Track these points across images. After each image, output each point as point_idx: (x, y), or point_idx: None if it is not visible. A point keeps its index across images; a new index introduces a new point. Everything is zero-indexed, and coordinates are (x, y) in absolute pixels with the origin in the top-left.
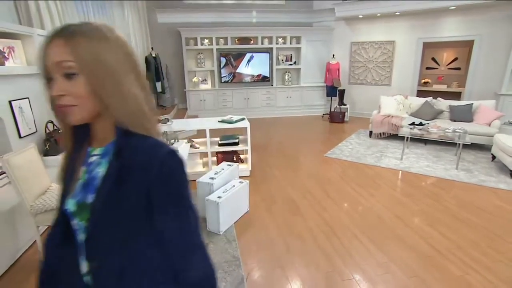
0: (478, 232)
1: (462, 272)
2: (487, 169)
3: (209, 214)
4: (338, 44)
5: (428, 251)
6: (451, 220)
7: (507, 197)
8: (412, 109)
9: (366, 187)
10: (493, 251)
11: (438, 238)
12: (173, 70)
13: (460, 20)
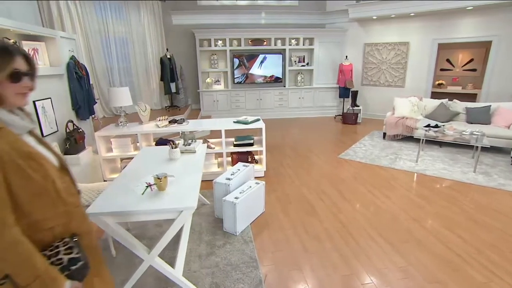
0: (499, 237)
1: (486, 279)
2: (506, 173)
3: (225, 215)
4: (351, 45)
5: (448, 255)
6: (470, 223)
7: None
8: (426, 111)
9: (382, 189)
10: None
11: (458, 242)
12: (187, 71)
13: (477, 20)
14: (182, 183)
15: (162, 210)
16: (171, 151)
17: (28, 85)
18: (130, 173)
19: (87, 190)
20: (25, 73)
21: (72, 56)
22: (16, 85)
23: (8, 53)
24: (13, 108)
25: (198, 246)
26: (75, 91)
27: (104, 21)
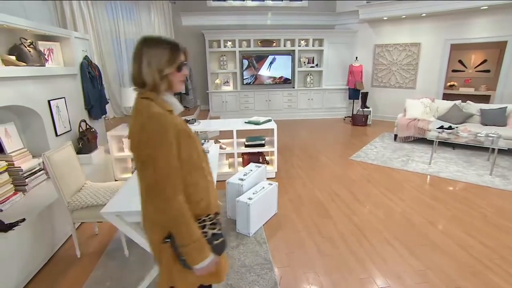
0: None
1: (510, 286)
2: None
3: (238, 216)
4: (361, 47)
5: (468, 260)
6: (488, 227)
7: None
8: (439, 113)
9: (395, 191)
10: None
11: (477, 246)
12: (196, 72)
13: (491, 20)
14: None
15: None
16: None
17: (186, 73)
18: None
19: (101, 189)
20: (185, 63)
21: (86, 56)
22: (179, 74)
23: (178, 49)
24: (176, 92)
25: None
26: (88, 91)
27: (115, 22)
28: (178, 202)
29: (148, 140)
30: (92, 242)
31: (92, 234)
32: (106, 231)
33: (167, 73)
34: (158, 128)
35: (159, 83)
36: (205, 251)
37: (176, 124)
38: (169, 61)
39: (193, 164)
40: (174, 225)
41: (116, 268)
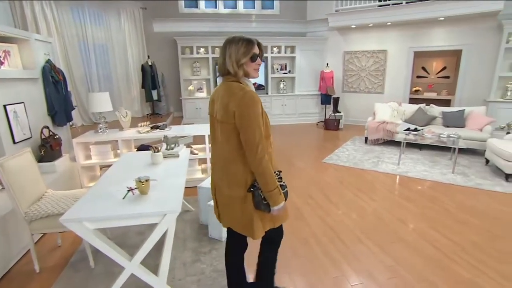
0: (481, 234)
1: (471, 275)
2: (482, 173)
3: (210, 220)
4: (331, 53)
5: (434, 254)
6: (453, 222)
7: (504, 199)
8: (406, 116)
9: (367, 192)
10: (498, 253)
11: (443, 241)
12: (168, 79)
13: (448, 30)
14: (165, 187)
15: (144, 214)
16: (153, 156)
17: (259, 62)
18: (111, 178)
19: (63, 197)
20: (258, 54)
21: (48, 59)
22: (253, 63)
23: (251, 43)
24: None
25: (183, 253)
26: (51, 96)
27: (82, 26)
28: (265, 159)
29: (247, 110)
30: (54, 255)
31: (54, 246)
32: (70, 242)
33: (242, 62)
34: (252, 102)
35: (237, 71)
36: (282, 196)
37: (260, 99)
38: (244, 53)
39: (267, 132)
40: (264, 175)
41: (80, 280)
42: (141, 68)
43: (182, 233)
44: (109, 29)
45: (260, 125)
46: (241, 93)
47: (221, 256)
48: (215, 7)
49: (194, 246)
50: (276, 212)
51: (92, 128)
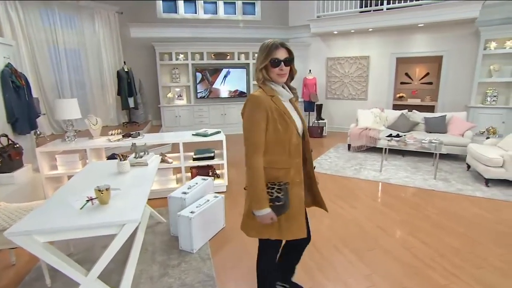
0: (459, 240)
1: (447, 281)
2: (463, 178)
3: (181, 232)
4: (314, 60)
5: (412, 261)
6: (432, 228)
7: (484, 204)
8: (388, 122)
9: (347, 199)
10: (475, 258)
11: (421, 247)
12: (147, 86)
13: (429, 36)
14: (128, 196)
15: (101, 224)
16: (120, 164)
17: (282, 68)
18: (72, 188)
19: (18, 210)
20: (281, 60)
21: (8, 63)
22: (275, 69)
23: (272, 47)
24: (279, 84)
25: (150, 267)
26: (11, 102)
27: (52, 30)
28: (254, 160)
29: (246, 112)
30: (7, 274)
31: (7, 264)
32: (26, 260)
33: (261, 67)
34: (251, 105)
35: (257, 75)
36: (262, 203)
37: (269, 103)
38: (263, 60)
39: (279, 139)
40: (248, 171)
41: None
42: (117, 74)
43: (152, 246)
44: (82, 33)
45: (257, 128)
46: (248, 96)
47: (191, 269)
48: (194, 12)
49: (163, 259)
50: (258, 219)
51: (62, 137)
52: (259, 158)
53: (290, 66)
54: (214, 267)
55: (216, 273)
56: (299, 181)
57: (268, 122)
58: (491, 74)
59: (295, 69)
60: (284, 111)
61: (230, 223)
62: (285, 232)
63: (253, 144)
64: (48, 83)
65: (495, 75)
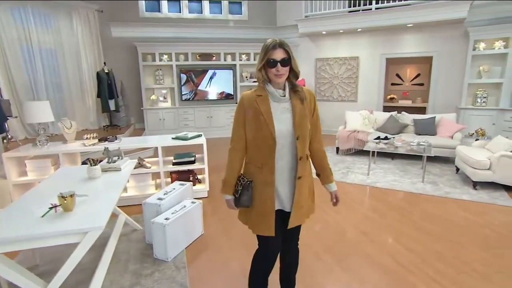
0: (443, 244)
1: (427, 287)
2: (452, 181)
3: (155, 239)
4: (303, 61)
5: (393, 267)
6: (417, 233)
7: (470, 207)
8: (378, 124)
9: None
10: (458, 262)
11: (404, 253)
12: (129, 87)
13: (418, 37)
14: (96, 202)
15: (61, 232)
16: (90, 169)
17: (278, 69)
18: (37, 195)
19: None
20: (277, 61)
21: None
22: (272, 69)
23: (269, 48)
24: (276, 85)
25: (122, 276)
26: None
27: (25, 29)
28: (230, 152)
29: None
30: None
31: None
32: None
33: (259, 67)
34: (239, 103)
35: (257, 75)
36: (226, 188)
37: (250, 102)
38: (261, 60)
39: (255, 137)
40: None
41: None
42: (97, 75)
43: (125, 254)
44: (59, 33)
45: (235, 124)
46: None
47: (164, 279)
48: (179, 12)
49: (136, 268)
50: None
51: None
52: (235, 151)
53: (289, 66)
54: (188, 277)
55: (191, 283)
56: (271, 182)
57: (245, 120)
58: (480, 75)
59: (297, 69)
60: (263, 112)
61: (209, 230)
62: (254, 226)
63: (232, 138)
64: (21, 84)
65: (485, 76)
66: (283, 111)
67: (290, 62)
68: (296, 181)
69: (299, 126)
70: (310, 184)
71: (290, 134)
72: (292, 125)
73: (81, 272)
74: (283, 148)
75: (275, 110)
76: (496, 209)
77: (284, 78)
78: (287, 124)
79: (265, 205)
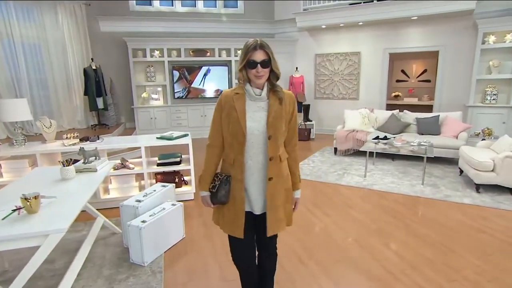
0: (436, 249)
1: None
2: (454, 184)
3: (131, 243)
4: (302, 56)
5: (380, 274)
6: (409, 238)
7: (470, 211)
8: (378, 123)
9: (322, 207)
10: (449, 269)
11: (393, 258)
12: (118, 85)
13: (424, 30)
14: (63, 204)
15: (21, 235)
16: (63, 170)
17: (259, 70)
18: (3, 196)
19: None
20: (257, 62)
21: None
22: (252, 70)
23: (246, 49)
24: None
25: (95, 281)
26: None
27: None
28: (207, 148)
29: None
30: None
31: None
32: None
33: (239, 68)
34: (218, 100)
35: (239, 76)
36: (202, 185)
37: (226, 100)
38: (241, 61)
39: (228, 133)
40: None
41: None
42: (84, 72)
43: (101, 259)
44: (43, 27)
45: (212, 121)
46: None
47: (138, 284)
48: (171, 5)
49: (110, 273)
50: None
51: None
52: (211, 148)
53: (270, 67)
54: (164, 282)
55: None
56: (240, 179)
57: (222, 113)
58: (490, 70)
59: (277, 70)
60: (237, 109)
61: (191, 234)
62: (224, 225)
63: (209, 135)
64: (2, 82)
65: (495, 71)
66: (258, 109)
67: (271, 64)
68: (267, 182)
69: (272, 126)
70: (288, 189)
71: (262, 133)
72: (265, 124)
73: (52, 277)
74: (253, 146)
75: (250, 108)
76: (498, 214)
77: (265, 79)
78: (260, 122)
79: (235, 202)
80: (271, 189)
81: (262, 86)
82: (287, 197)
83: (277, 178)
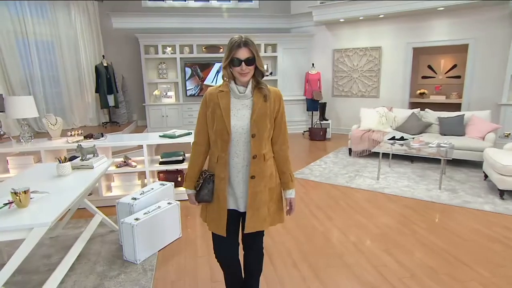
0: (441, 258)
1: None
2: (476, 189)
3: (125, 240)
4: (319, 52)
5: (375, 281)
6: (414, 244)
7: (489, 219)
8: (397, 123)
9: (326, 209)
10: (452, 280)
11: (392, 266)
12: (130, 82)
13: (451, 22)
14: (54, 199)
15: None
16: (59, 167)
17: (243, 68)
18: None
19: None
20: (241, 60)
21: None
22: (236, 68)
23: (230, 46)
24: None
25: (87, 278)
26: None
27: (20, 20)
28: (193, 145)
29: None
30: None
31: None
32: None
33: (224, 66)
34: (203, 98)
35: (224, 73)
36: (187, 183)
37: (211, 97)
38: (226, 58)
39: (213, 131)
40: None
41: None
42: (95, 69)
43: (96, 255)
44: (56, 24)
45: (198, 118)
46: None
47: (128, 281)
48: (184, 0)
49: (103, 269)
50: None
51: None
52: (197, 146)
53: (254, 65)
54: (153, 280)
55: (154, 286)
56: (224, 177)
57: (206, 114)
58: None
59: (262, 68)
60: (222, 106)
61: (188, 233)
62: (209, 222)
63: (195, 133)
64: (16, 79)
65: None
66: (242, 107)
67: (255, 61)
68: (249, 180)
69: (256, 124)
70: (273, 188)
71: (246, 131)
72: (249, 122)
73: (47, 272)
74: (238, 144)
75: (234, 106)
76: None
77: (249, 76)
78: (244, 120)
79: (218, 201)
80: (253, 188)
81: (247, 84)
82: (272, 196)
83: (260, 176)
